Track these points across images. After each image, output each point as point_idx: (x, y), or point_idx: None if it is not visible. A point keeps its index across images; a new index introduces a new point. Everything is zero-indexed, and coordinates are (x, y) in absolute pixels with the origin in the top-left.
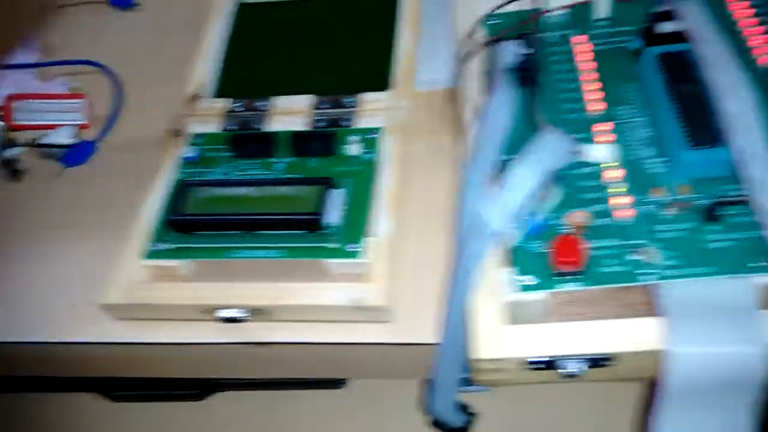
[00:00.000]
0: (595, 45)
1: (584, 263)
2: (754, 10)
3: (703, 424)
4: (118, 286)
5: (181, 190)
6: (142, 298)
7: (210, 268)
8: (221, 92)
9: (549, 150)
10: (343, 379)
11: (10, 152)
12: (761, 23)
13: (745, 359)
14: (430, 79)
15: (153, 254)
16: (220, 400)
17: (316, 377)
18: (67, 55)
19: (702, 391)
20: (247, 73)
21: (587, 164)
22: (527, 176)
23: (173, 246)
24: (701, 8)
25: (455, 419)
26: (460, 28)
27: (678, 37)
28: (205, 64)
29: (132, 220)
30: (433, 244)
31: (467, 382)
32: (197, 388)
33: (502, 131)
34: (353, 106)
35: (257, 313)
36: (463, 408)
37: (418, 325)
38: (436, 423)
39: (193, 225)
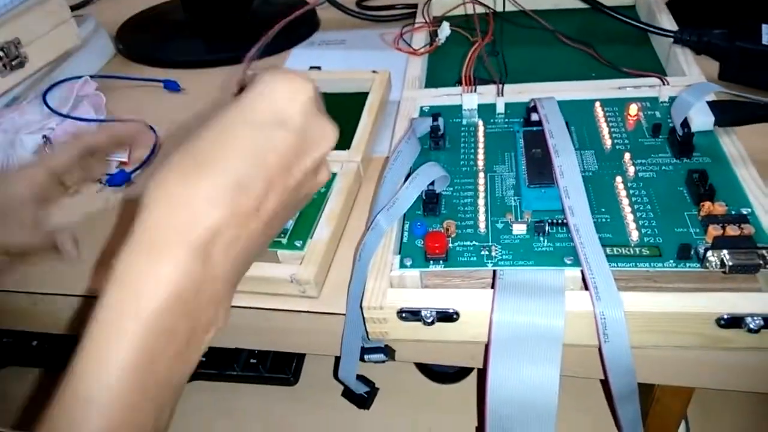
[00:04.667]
0: (490, 128)
1: (447, 251)
2: (605, 112)
3: (522, 373)
4: None
5: None
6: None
7: None
8: None
9: (426, 175)
10: (296, 377)
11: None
12: (608, 120)
13: (553, 327)
14: (381, 149)
15: None
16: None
17: (258, 348)
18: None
19: (519, 349)
20: None
21: (464, 194)
22: (409, 193)
23: None
24: (552, 103)
25: (358, 387)
26: (401, 114)
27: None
28: None
29: None
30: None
31: (369, 351)
32: None
33: (406, 165)
34: None
35: None
36: (366, 381)
37: (340, 303)
38: (346, 392)
39: None
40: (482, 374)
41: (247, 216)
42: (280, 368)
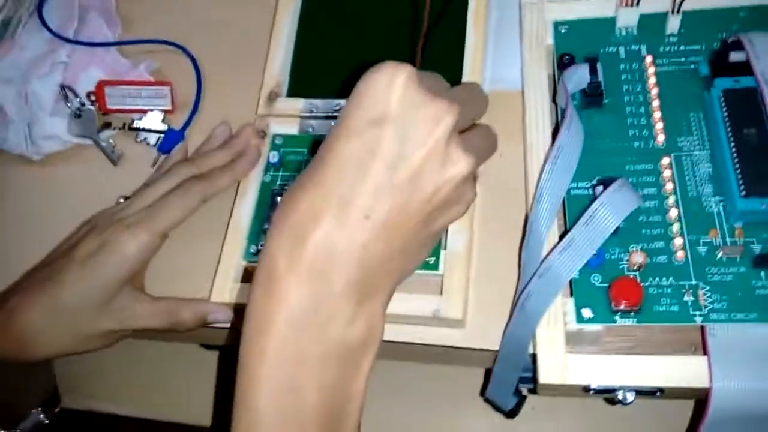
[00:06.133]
0: (661, 66)
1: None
2: None
3: None
4: (223, 287)
5: (271, 199)
6: (242, 298)
7: None
8: (295, 88)
9: (619, 208)
10: None
11: (106, 134)
12: None
13: None
14: (495, 78)
15: (249, 255)
16: None
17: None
18: (146, 28)
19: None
20: (318, 66)
21: (645, 192)
22: (599, 234)
23: None
24: None
25: (508, 405)
26: (527, 31)
27: (749, 69)
28: (280, 59)
29: (226, 213)
30: (500, 250)
31: (525, 380)
32: None
33: (571, 168)
34: None
35: None
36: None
37: (488, 330)
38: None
39: None
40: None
41: (355, 227)
42: None
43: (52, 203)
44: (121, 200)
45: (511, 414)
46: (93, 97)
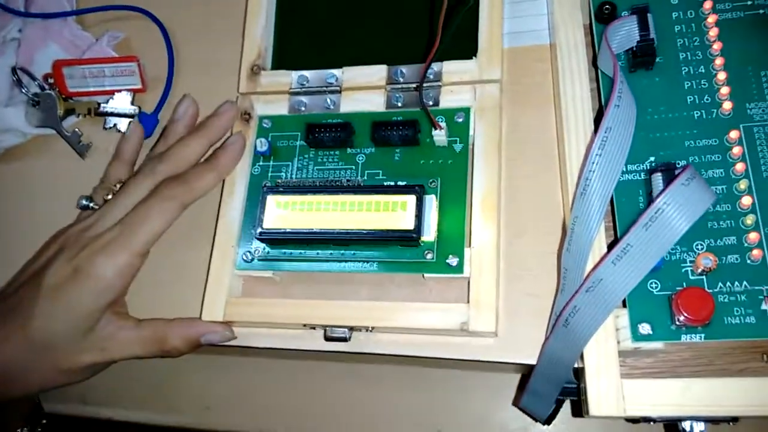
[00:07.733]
0: (724, 12)
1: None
2: None
3: None
4: (214, 303)
5: (262, 198)
6: (237, 316)
7: (300, 278)
8: (280, 59)
9: (690, 207)
10: None
11: (70, 122)
12: None
13: None
14: (518, 32)
15: (243, 264)
16: None
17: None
18: None
19: None
20: (307, 31)
21: (710, 174)
22: (662, 241)
23: (262, 256)
24: None
25: (543, 415)
26: None
27: None
28: (260, 23)
29: (212, 209)
30: (529, 245)
31: (565, 392)
32: None
33: (623, 154)
34: (435, 81)
35: (358, 330)
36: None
37: (522, 340)
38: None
39: (280, 240)
40: None
41: None
42: None
43: (15, 203)
44: (83, 201)
45: (548, 421)
46: (51, 80)
